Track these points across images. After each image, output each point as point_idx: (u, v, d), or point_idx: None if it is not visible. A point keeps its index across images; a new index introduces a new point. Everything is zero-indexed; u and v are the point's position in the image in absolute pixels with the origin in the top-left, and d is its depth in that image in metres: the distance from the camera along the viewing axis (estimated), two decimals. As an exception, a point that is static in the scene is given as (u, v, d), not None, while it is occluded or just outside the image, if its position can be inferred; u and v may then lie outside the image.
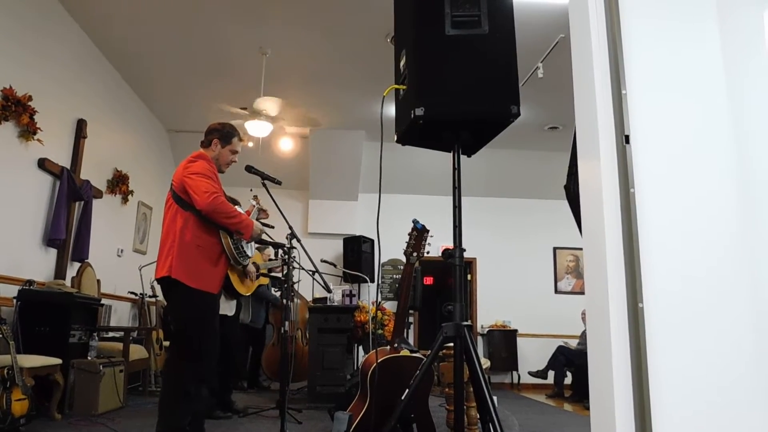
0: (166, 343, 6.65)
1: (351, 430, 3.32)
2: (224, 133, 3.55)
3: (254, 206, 4.08)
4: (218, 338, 3.37)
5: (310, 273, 4.56)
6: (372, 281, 8.82)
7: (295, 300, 7.15)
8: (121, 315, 7.34)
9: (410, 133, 2.39)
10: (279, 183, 4.04)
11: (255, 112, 6.95)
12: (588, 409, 1.96)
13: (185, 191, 3.25)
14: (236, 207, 3.61)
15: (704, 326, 1.80)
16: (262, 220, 4.28)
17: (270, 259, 6.17)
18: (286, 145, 8.60)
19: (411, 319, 9.37)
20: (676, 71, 2.00)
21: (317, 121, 8.56)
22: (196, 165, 3.31)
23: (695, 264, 1.84)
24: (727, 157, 1.93)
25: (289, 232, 4.02)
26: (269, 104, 6.83)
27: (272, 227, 4.42)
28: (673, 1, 2.05)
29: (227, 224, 3.26)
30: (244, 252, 3.50)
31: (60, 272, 5.76)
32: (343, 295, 6.19)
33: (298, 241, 4.00)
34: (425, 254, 3.47)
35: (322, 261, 7.03)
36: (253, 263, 5.01)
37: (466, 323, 2.26)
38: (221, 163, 3.54)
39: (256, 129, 7.06)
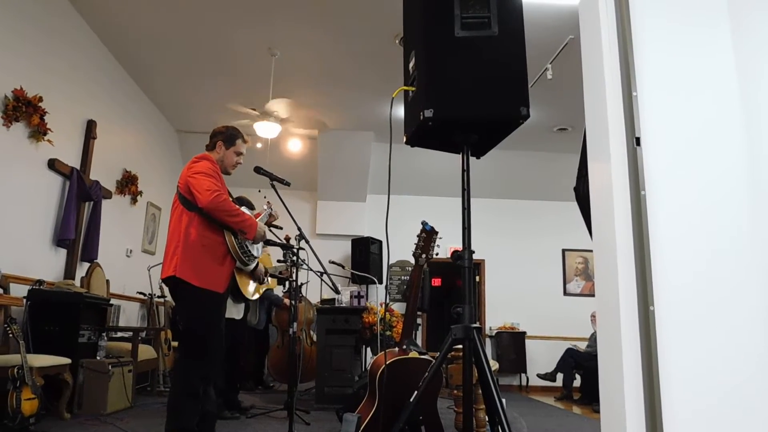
0: (175, 344, 6.67)
1: (360, 431, 3.32)
2: (228, 136, 3.57)
3: (265, 210, 4.08)
4: (223, 338, 3.37)
5: (319, 274, 4.56)
6: (380, 282, 8.82)
7: (302, 302, 7.16)
8: (129, 315, 7.37)
9: (419, 134, 2.38)
10: (288, 184, 4.04)
11: (265, 114, 6.96)
12: (597, 412, 1.95)
13: (189, 191, 3.26)
14: (244, 208, 3.61)
15: (716, 330, 1.79)
16: (271, 225, 4.28)
17: (278, 261, 6.17)
18: (295, 146, 8.61)
19: (419, 321, 9.36)
20: (688, 73, 1.99)
21: (326, 122, 8.57)
22: (199, 165, 3.33)
23: (707, 267, 1.83)
24: (740, 160, 1.91)
25: (297, 233, 4.02)
26: (280, 106, 6.84)
27: (280, 228, 4.42)
28: (684, 2, 2.03)
29: (230, 222, 3.27)
30: (250, 252, 3.50)
31: (69, 272, 5.79)
32: (351, 297, 6.20)
33: (307, 242, 4.00)
34: (434, 256, 3.46)
35: (331, 262, 7.03)
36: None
37: (475, 325, 2.25)
38: (226, 165, 3.55)
39: (264, 130, 7.07)
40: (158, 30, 6.19)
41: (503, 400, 2.26)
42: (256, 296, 5.06)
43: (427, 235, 3.38)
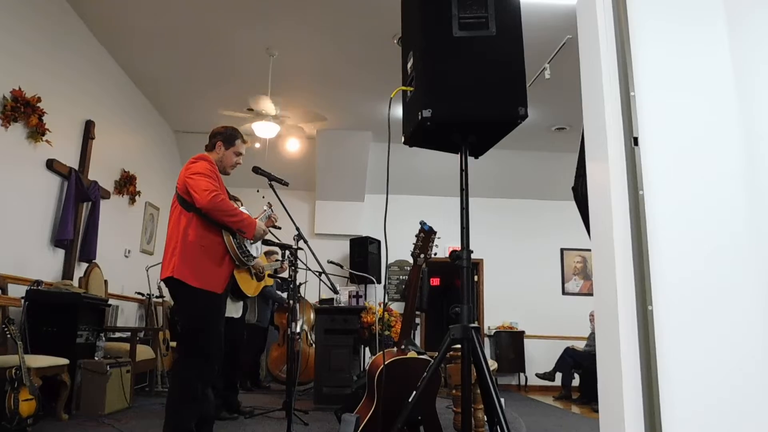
0: (173, 344, 6.67)
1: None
2: (227, 136, 3.56)
3: (264, 211, 4.08)
4: (222, 339, 3.37)
5: (317, 274, 4.55)
6: (379, 282, 8.81)
7: (303, 302, 7.17)
8: (128, 315, 7.37)
9: (417, 134, 2.38)
10: (286, 184, 4.03)
11: (256, 112, 6.95)
12: (596, 411, 1.95)
13: (187, 192, 3.26)
14: (237, 204, 3.61)
15: (715, 329, 1.79)
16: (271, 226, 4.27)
17: (276, 260, 6.17)
18: (293, 146, 8.61)
19: (418, 321, 9.37)
20: (685, 72, 1.99)
21: (324, 123, 8.56)
22: (196, 165, 3.33)
23: (705, 266, 1.83)
24: (737, 159, 1.92)
25: (296, 233, 4.01)
26: (267, 103, 6.82)
27: (279, 228, 4.42)
28: (682, 2, 2.04)
29: (228, 222, 3.26)
30: (248, 252, 3.49)
31: (68, 272, 5.78)
32: (349, 296, 6.20)
33: (305, 242, 3.99)
34: (432, 255, 3.46)
35: (329, 262, 7.03)
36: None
37: (473, 325, 2.25)
38: (225, 165, 3.54)
39: (263, 130, 7.07)
40: (156, 31, 6.19)
41: (502, 400, 2.26)
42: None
43: (426, 235, 3.38)
